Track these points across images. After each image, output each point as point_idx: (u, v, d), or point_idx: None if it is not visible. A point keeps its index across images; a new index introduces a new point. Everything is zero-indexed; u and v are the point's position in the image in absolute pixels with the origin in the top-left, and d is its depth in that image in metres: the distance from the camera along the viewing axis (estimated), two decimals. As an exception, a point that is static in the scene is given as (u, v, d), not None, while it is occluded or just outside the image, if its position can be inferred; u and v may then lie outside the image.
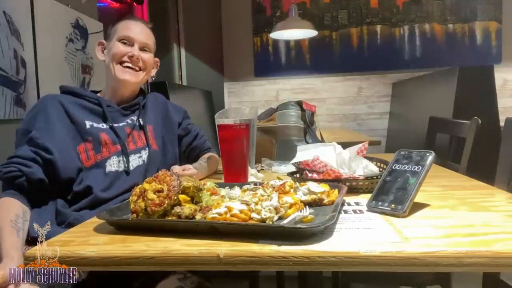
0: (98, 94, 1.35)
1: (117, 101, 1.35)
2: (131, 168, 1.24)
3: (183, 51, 3.61)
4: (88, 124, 1.23)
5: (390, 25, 4.03)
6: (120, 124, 1.30)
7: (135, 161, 1.27)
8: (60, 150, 1.14)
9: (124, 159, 1.23)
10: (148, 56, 1.34)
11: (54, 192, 1.15)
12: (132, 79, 1.31)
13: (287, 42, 4.12)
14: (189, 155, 1.47)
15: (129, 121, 1.33)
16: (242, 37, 4.20)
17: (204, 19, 4.03)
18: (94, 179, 1.17)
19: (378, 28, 4.05)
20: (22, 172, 1.09)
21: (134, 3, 3.12)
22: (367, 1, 4.04)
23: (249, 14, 4.18)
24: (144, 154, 1.29)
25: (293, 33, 3.44)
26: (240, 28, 4.19)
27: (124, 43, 1.30)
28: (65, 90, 1.31)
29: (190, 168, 1.22)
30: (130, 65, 1.30)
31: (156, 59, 1.43)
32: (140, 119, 1.35)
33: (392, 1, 4.02)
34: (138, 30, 1.32)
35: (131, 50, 1.30)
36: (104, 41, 1.37)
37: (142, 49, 1.33)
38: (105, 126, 1.26)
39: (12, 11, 1.64)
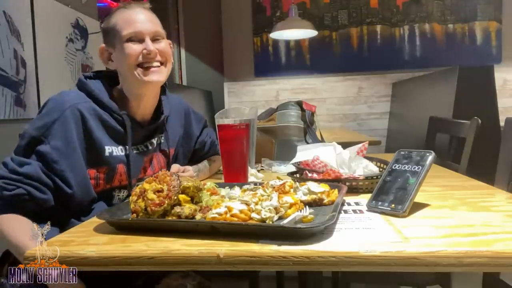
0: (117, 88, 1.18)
1: (139, 115, 1.18)
2: None
3: (183, 51, 3.61)
4: (107, 150, 1.08)
5: (390, 25, 4.03)
6: (140, 150, 1.18)
7: None
8: (79, 184, 1.02)
9: None
10: (163, 45, 1.14)
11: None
12: (158, 78, 1.13)
13: (287, 42, 4.12)
14: (196, 161, 1.40)
15: (150, 147, 1.20)
16: (242, 37, 4.19)
17: (204, 19, 4.03)
18: None
19: (378, 28, 4.05)
20: (31, 196, 0.96)
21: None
22: (367, 1, 4.04)
23: (249, 14, 4.18)
24: None
25: (293, 33, 3.44)
26: (240, 28, 4.19)
27: (133, 41, 1.10)
28: (86, 91, 1.11)
29: (189, 170, 1.21)
30: (150, 64, 1.11)
31: (168, 41, 1.22)
32: (164, 141, 1.25)
33: (392, 1, 4.02)
34: (142, 19, 1.11)
35: (144, 46, 1.10)
36: (104, 48, 1.16)
37: (154, 39, 1.13)
38: (123, 152, 1.12)
39: (12, 11, 1.64)
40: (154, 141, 1.22)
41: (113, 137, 1.10)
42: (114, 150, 1.10)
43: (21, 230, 0.92)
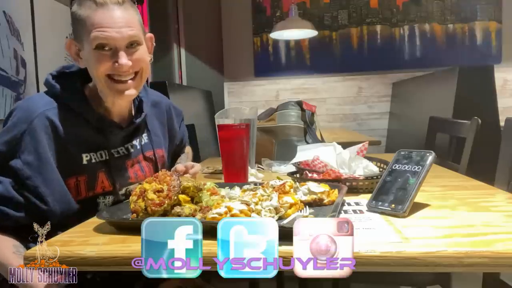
0: (87, 91, 1.06)
1: (116, 115, 1.09)
2: None
3: (183, 51, 3.61)
4: (85, 159, 1.00)
5: (390, 25, 4.03)
6: (122, 153, 1.08)
7: None
8: (57, 199, 0.94)
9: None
10: (140, 53, 1.00)
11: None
12: (130, 93, 1.01)
13: (287, 42, 4.12)
14: (174, 156, 1.36)
15: (132, 149, 1.11)
16: (242, 37, 4.19)
17: (204, 19, 4.03)
18: None
19: (378, 28, 4.05)
20: (6, 215, 0.90)
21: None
22: (367, 1, 4.04)
23: (249, 14, 4.18)
24: None
25: (293, 33, 3.44)
26: (240, 28, 4.19)
27: (103, 49, 0.96)
28: (54, 94, 1.00)
29: (193, 166, 1.15)
30: (121, 78, 0.99)
31: (149, 35, 1.08)
32: (147, 142, 1.15)
33: (392, 1, 4.02)
34: (115, 22, 0.95)
35: (116, 58, 0.96)
36: (73, 42, 1.02)
37: (130, 45, 0.98)
38: (103, 157, 1.03)
39: (12, 11, 1.64)
40: (136, 142, 1.12)
41: (89, 142, 1.01)
42: (92, 157, 1.01)
43: (3, 247, 0.88)
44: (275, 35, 3.49)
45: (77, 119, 1.00)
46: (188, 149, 1.45)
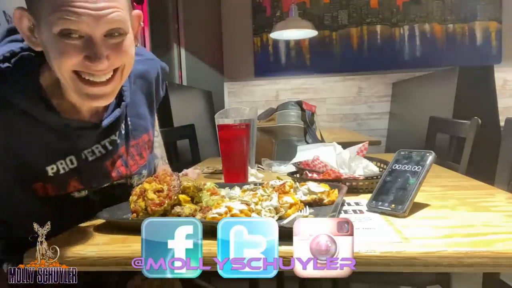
0: (43, 79, 0.79)
1: (86, 110, 0.85)
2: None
3: (183, 51, 3.61)
4: (50, 171, 0.80)
5: (390, 25, 4.03)
6: (98, 154, 0.87)
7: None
8: (20, 218, 0.80)
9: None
10: (124, 44, 0.73)
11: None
12: (104, 99, 0.77)
13: (287, 42, 4.12)
14: None
15: (110, 147, 0.89)
16: (242, 37, 4.19)
17: (204, 19, 4.03)
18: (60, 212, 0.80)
19: (378, 28, 4.05)
20: None
21: (134, 3, 3.12)
22: (367, 1, 4.04)
23: (249, 14, 4.18)
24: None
25: (293, 33, 3.45)
26: (240, 28, 4.19)
27: (70, 36, 0.69)
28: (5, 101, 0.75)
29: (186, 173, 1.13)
30: (93, 78, 0.73)
31: (137, 13, 0.79)
32: (130, 130, 0.94)
33: (392, 1, 4.02)
34: (91, 3, 0.67)
35: (89, 52, 0.70)
36: (25, 14, 0.76)
37: (110, 34, 0.72)
38: (75, 163, 0.83)
39: (12, 11, 1.64)
40: (116, 136, 0.89)
41: (54, 150, 0.81)
42: (60, 167, 0.82)
43: None
44: (275, 35, 3.49)
45: (34, 125, 0.77)
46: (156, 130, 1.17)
